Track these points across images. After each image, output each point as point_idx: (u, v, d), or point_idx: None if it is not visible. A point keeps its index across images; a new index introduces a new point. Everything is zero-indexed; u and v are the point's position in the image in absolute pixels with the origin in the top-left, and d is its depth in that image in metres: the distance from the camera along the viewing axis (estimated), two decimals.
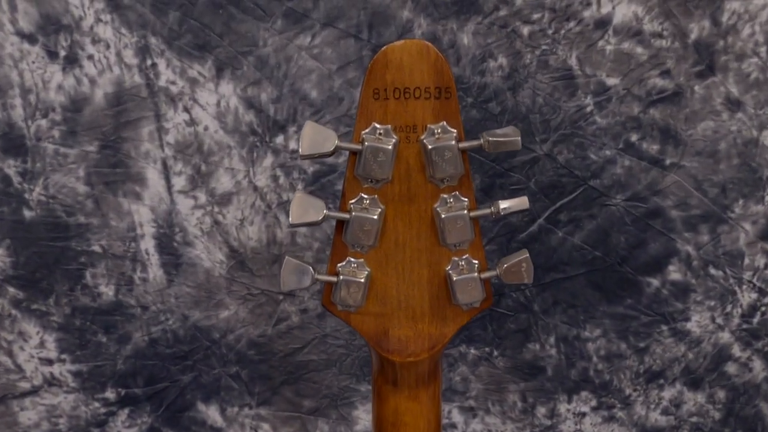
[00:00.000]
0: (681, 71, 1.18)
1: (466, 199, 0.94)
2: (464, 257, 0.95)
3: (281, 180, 1.21)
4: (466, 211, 0.92)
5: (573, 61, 1.16)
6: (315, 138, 0.90)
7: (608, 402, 1.30)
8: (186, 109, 1.18)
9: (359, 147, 0.90)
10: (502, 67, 1.17)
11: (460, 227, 0.93)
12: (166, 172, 1.20)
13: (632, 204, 1.22)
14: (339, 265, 0.95)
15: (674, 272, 1.25)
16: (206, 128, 1.19)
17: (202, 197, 1.21)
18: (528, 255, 0.93)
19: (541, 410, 1.30)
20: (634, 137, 1.20)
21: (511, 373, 1.29)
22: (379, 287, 0.94)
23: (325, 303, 0.97)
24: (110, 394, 1.28)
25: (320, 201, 0.91)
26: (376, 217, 0.92)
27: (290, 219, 0.89)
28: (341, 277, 0.94)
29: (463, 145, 0.91)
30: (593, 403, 1.30)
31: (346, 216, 0.92)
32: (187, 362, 1.26)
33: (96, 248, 1.22)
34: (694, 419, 1.33)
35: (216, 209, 1.21)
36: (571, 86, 1.21)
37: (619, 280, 1.26)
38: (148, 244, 1.22)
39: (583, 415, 1.30)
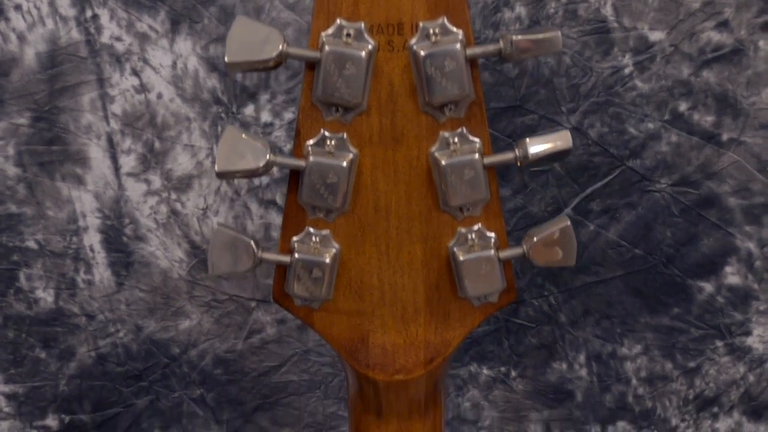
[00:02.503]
0: (742, 23, 0.92)
1: (477, 140, 0.59)
2: (475, 228, 0.62)
3: None
4: (477, 156, 0.57)
5: (608, 10, 0.84)
6: (247, 39, 0.55)
7: None
8: (135, 72, 0.85)
9: (316, 55, 0.55)
10: (520, 18, 0.84)
11: (469, 181, 0.60)
12: (112, 151, 0.86)
13: (680, 190, 0.87)
14: (294, 239, 0.60)
15: (732, 275, 0.90)
16: (160, 96, 0.85)
17: (157, 181, 0.87)
18: (569, 223, 0.57)
19: None
20: (683, 106, 0.86)
21: (532, 398, 0.92)
22: (353, 272, 0.61)
23: (277, 296, 0.62)
24: (52, 422, 0.92)
25: (262, 141, 0.56)
26: (345, 164, 0.58)
27: (216, 166, 0.53)
28: (297, 256, 0.58)
29: (474, 51, 0.56)
30: None
31: (301, 164, 0.57)
32: (141, 383, 0.91)
33: (31, 244, 0.88)
34: None
35: (173, 196, 0.87)
36: (606, 42, 0.94)
37: (664, 284, 0.90)
38: (92, 239, 0.87)
39: None
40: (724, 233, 0.93)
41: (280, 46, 0.57)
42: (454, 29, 0.58)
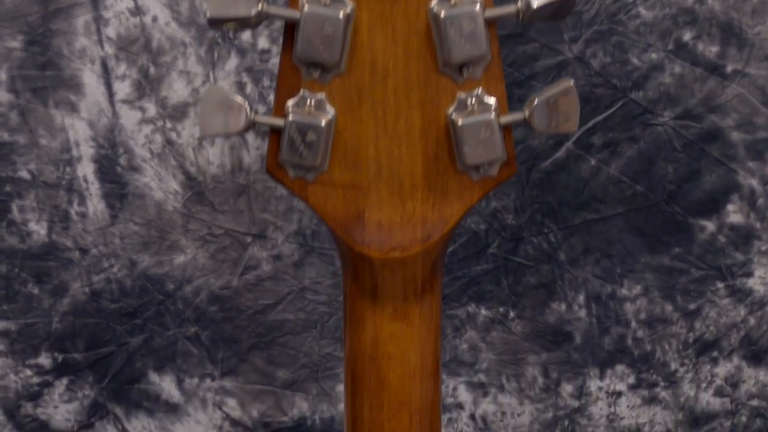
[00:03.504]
0: None
1: None
2: (475, 92, 0.56)
3: (248, 88, 0.75)
4: (478, 8, 0.43)
5: None
6: None
7: (649, 379, 0.81)
8: None
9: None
10: None
11: (470, 35, 0.53)
12: (107, 76, 0.73)
13: (683, 123, 0.75)
14: (289, 102, 0.47)
15: (734, 213, 0.77)
16: (155, 19, 0.73)
17: (151, 109, 0.74)
18: (572, 85, 0.44)
19: (566, 388, 0.80)
20: (687, 36, 0.74)
21: (530, 340, 0.79)
22: (348, 142, 0.51)
23: (271, 168, 0.51)
24: (45, 360, 0.79)
25: None
26: (341, 16, 0.44)
27: (207, 12, 0.52)
28: (291, 118, 0.45)
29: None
30: (631, 380, 0.80)
31: (296, 15, 0.43)
32: (135, 321, 0.77)
33: (23, 174, 0.75)
34: (754, 402, 0.83)
35: (168, 125, 0.74)
36: None
37: (665, 222, 0.77)
38: (86, 170, 0.74)
39: (619, 394, 0.81)
40: (727, 169, 0.81)
41: (260, 6, 0.47)
42: None
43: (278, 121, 0.52)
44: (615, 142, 0.81)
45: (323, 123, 0.52)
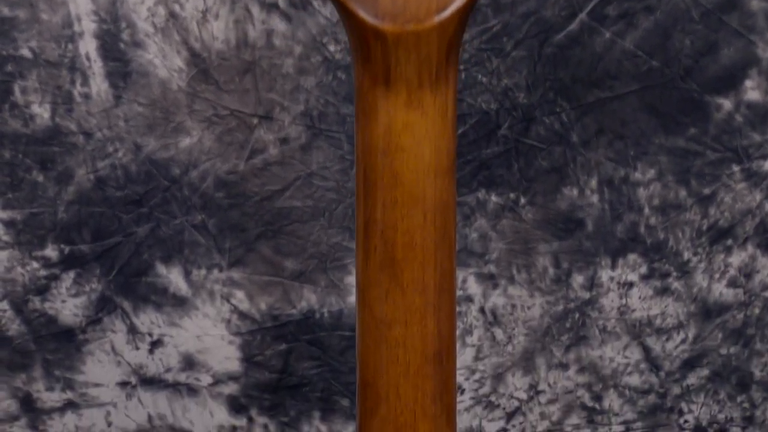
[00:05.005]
0: None
1: None
2: None
3: None
4: None
5: None
6: None
7: (662, 269, 0.57)
8: None
9: None
10: None
11: None
12: None
13: None
14: None
15: (752, 90, 0.54)
16: None
17: None
18: None
19: (577, 279, 0.57)
20: None
21: (541, 228, 0.56)
22: None
23: None
24: (51, 252, 0.56)
25: None
26: None
27: None
28: None
29: None
30: (643, 269, 0.57)
31: None
32: (142, 209, 0.55)
33: (25, 52, 0.53)
34: None
35: None
36: None
37: (681, 100, 0.54)
38: (88, 46, 0.52)
39: (630, 285, 0.57)
40: (746, 41, 0.59)
41: None
42: None
43: None
44: (631, 13, 0.60)
45: None
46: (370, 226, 0.41)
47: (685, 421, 0.70)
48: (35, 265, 0.67)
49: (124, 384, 0.69)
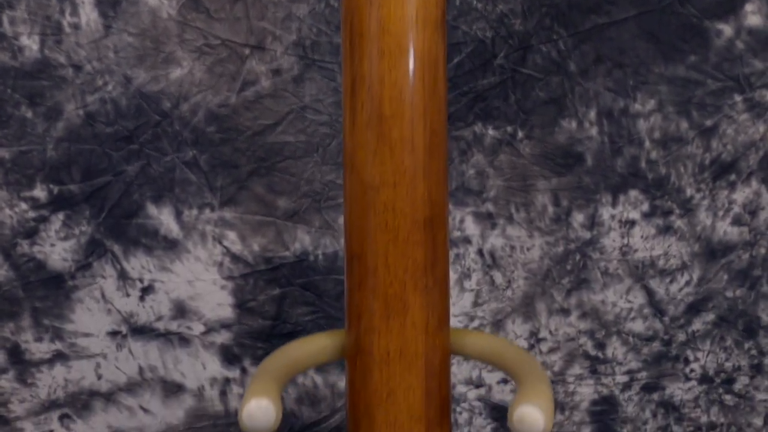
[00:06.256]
0: None
1: None
2: None
3: None
4: None
5: None
6: None
7: (664, 206, 0.41)
8: None
9: None
10: None
11: None
12: None
13: None
14: None
15: (752, 14, 0.39)
16: None
17: None
18: None
19: (578, 217, 0.41)
20: None
21: (540, 163, 0.40)
22: None
23: None
24: (40, 192, 0.41)
25: None
26: None
27: None
28: None
29: None
30: (645, 207, 0.41)
31: None
32: (132, 146, 0.40)
33: None
34: None
35: None
36: None
37: (680, 26, 0.39)
38: None
39: (632, 224, 0.41)
40: None
41: None
42: None
43: None
44: None
45: None
46: (357, 82, 0.30)
47: (691, 371, 0.54)
48: (24, 206, 0.52)
49: (114, 334, 0.54)
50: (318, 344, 0.38)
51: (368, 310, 0.34)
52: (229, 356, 0.58)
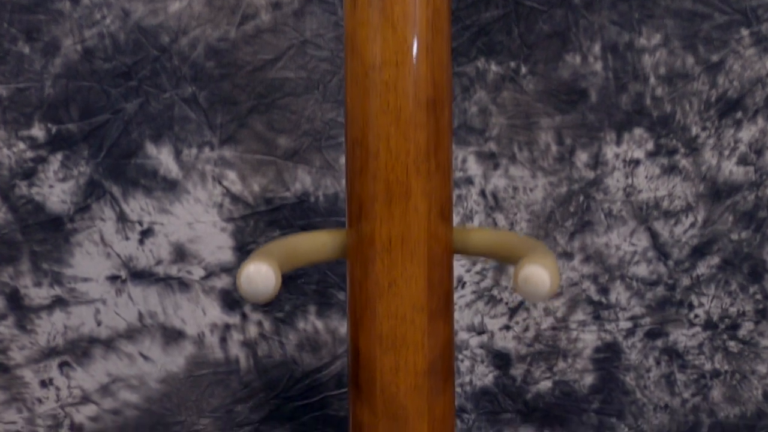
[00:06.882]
0: None
1: None
2: None
3: None
4: None
5: None
6: None
7: (669, 145, 0.30)
8: None
9: None
10: None
11: None
12: None
13: None
14: None
15: None
16: None
17: None
18: None
19: (581, 157, 0.30)
20: None
21: (543, 100, 0.29)
22: None
23: None
24: (38, 132, 0.30)
25: None
26: None
27: None
28: None
29: None
30: (649, 146, 0.30)
31: None
32: (130, 83, 0.29)
33: None
34: None
35: None
36: None
37: None
38: None
39: (637, 163, 0.30)
40: None
41: None
42: None
43: None
44: None
45: None
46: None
47: (695, 316, 0.44)
48: (22, 146, 0.43)
49: (113, 278, 0.44)
50: (319, 239, 0.30)
51: (369, 197, 0.26)
52: (229, 301, 0.49)
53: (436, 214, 0.29)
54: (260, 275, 0.26)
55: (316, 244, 0.31)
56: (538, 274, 0.25)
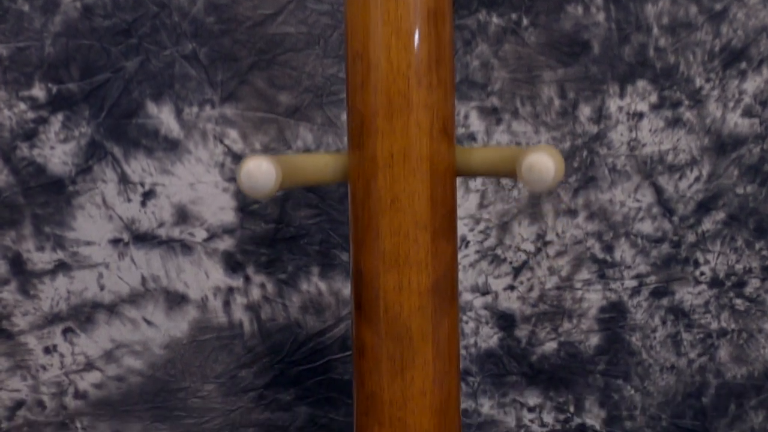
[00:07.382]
0: None
1: None
2: None
3: None
4: None
5: None
6: None
7: (673, 97, 0.23)
8: None
9: None
10: None
11: None
12: None
13: None
14: None
15: None
16: None
17: None
18: None
19: (584, 110, 0.23)
20: None
21: (545, 53, 0.22)
22: None
23: None
24: (39, 92, 0.24)
25: None
26: None
27: None
28: None
29: None
30: (653, 98, 0.23)
31: None
32: (131, 40, 0.23)
33: None
34: None
35: None
36: None
37: None
38: None
39: (641, 116, 0.23)
40: None
41: None
42: None
43: None
44: None
45: None
46: None
47: (701, 274, 0.38)
48: (23, 106, 0.37)
49: (116, 242, 0.38)
50: (321, 160, 0.24)
51: (371, 111, 0.21)
52: (232, 264, 0.43)
53: (439, 130, 0.24)
54: (261, 171, 0.21)
55: (318, 164, 0.25)
56: (543, 161, 0.21)
